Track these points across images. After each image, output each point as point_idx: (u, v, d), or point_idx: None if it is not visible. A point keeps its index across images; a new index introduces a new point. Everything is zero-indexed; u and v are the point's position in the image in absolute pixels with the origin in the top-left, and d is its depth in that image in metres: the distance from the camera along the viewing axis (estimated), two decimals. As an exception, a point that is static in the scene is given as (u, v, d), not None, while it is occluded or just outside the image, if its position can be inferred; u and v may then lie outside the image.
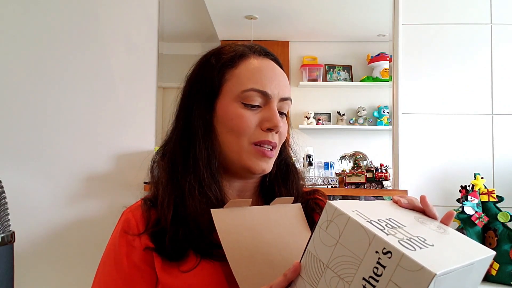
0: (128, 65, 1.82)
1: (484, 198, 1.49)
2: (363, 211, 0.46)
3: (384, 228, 0.43)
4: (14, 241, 1.11)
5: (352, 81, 2.00)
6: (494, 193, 1.49)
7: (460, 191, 1.58)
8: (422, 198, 0.58)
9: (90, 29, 1.82)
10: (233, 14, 1.99)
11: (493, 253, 0.51)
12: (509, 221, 1.45)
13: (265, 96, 0.70)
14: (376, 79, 1.95)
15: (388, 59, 1.89)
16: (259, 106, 0.70)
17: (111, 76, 1.81)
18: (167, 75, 1.83)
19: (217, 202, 0.68)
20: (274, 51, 0.76)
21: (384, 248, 0.40)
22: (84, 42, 1.81)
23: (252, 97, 0.69)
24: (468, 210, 1.47)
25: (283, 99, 0.72)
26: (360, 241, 0.43)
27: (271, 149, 0.71)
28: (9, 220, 1.13)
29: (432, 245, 0.43)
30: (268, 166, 0.72)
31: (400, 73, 1.77)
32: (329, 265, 0.45)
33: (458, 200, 1.58)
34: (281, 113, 0.73)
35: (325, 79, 2.00)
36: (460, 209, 1.49)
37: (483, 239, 1.49)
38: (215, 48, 0.76)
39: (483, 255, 0.49)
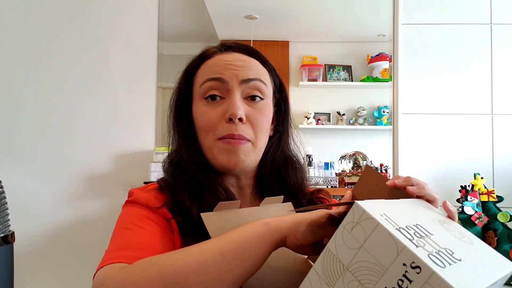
0: (128, 65, 1.82)
1: (484, 198, 1.49)
2: (391, 215, 0.45)
3: (413, 238, 0.42)
4: (14, 241, 1.11)
5: (352, 81, 2.00)
6: (494, 193, 1.49)
7: (460, 191, 1.58)
8: (444, 205, 0.58)
9: (90, 29, 1.82)
10: (233, 14, 1.99)
11: None
12: (509, 221, 1.44)
13: (221, 82, 0.66)
14: (376, 79, 1.95)
15: (388, 59, 1.89)
16: (221, 98, 0.67)
17: (111, 76, 1.81)
18: (167, 75, 1.83)
19: (227, 197, 0.67)
20: (274, 51, 0.76)
21: (413, 262, 0.39)
22: (84, 42, 1.81)
23: (208, 88, 0.67)
24: (468, 210, 1.47)
25: (245, 81, 0.67)
26: (387, 250, 0.41)
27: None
28: (9, 220, 1.13)
29: (460, 260, 0.43)
30: (241, 157, 0.66)
31: (400, 73, 1.77)
32: (349, 268, 0.44)
33: (458, 200, 1.58)
34: (252, 97, 0.68)
35: (325, 79, 2.00)
36: (460, 209, 1.49)
37: (483, 239, 1.48)
38: (193, 56, 0.76)
39: (506, 271, 0.48)
